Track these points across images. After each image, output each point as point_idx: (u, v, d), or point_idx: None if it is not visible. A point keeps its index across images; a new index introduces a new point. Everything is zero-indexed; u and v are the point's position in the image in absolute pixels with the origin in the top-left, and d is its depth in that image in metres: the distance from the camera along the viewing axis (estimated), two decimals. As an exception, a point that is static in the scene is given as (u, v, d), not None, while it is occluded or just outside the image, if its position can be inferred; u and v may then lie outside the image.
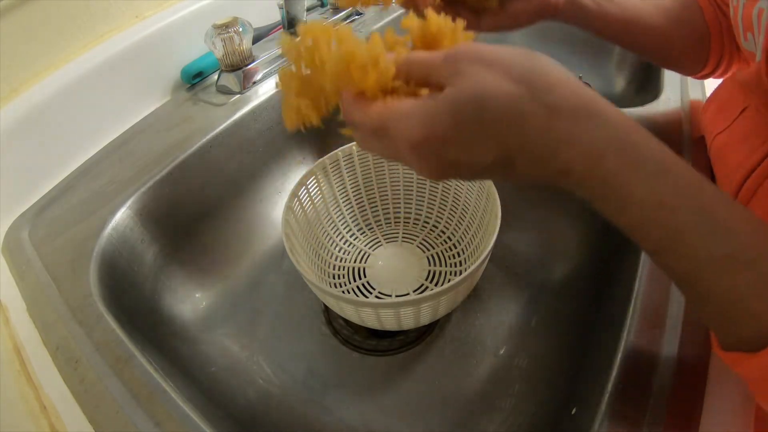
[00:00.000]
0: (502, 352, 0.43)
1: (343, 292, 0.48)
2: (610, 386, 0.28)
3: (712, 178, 0.40)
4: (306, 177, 0.46)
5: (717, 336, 0.22)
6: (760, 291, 0.19)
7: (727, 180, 0.34)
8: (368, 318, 0.38)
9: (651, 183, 0.19)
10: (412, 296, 0.34)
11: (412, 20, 0.26)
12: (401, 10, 0.71)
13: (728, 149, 0.35)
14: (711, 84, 0.50)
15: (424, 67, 0.22)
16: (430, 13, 0.26)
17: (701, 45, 0.40)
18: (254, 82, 0.55)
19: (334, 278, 0.49)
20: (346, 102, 0.23)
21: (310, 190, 0.47)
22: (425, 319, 0.39)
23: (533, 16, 0.37)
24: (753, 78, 0.33)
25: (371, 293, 0.47)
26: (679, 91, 0.50)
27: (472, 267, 0.35)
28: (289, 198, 0.43)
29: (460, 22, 0.25)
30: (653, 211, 0.20)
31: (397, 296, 0.46)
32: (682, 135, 0.44)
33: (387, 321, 0.38)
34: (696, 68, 0.42)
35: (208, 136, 0.49)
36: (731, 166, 0.34)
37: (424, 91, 0.22)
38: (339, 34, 0.24)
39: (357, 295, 0.47)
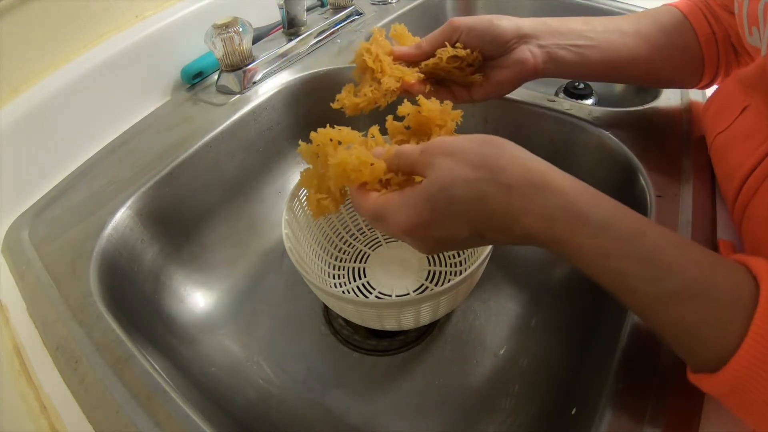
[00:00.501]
0: (502, 352, 0.43)
1: (344, 292, 0.48)
2: (610, 386, 0.28)
3: (713, 177, 0.40)
4: None
5: (685, 361, 0.24)
6: (710, 319, 0.21)
7: (728, 179, 0.35)
8: (368, 318, 0.38)
9: (595, 239, 0.23)
10: (412, 296, 0.34)
11: (407, 107, 0.33)
12: (400, 11, 0.71)
13: (729, 149, 0.35)
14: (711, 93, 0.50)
15: (407, 161, 0.27)
16: (422, 100, 0.32)
17: (694, 63, 0.40)
18: (254, 82, 0.55)
19: (334, 278, 0.49)
20: (352, 193, 0.29)
21: (301, 183, 0.47)
22: (425, 319, 0.39)
23: (516, 81, 0.40)
24: (756, 73, 0.33)
25: (371, 293, 0.47)
26: (679, 91, 0.50)
27: (473, 267, 0.35)
28: (289, 198, 0.43)
29: (448, 104, 0.33)
30: (601, 261, 0.23)
31: (397, 296, 0.46)
32: (681, 135, 0.44)
33: (387, 321, 0.38)
34: (693, 82, 0.43)
35: (208, 136, 0.49)
36: (732, 165, 0.34)
37: (415, 180, 0.27)
38: (342, 137, 0.30)
39: (357, 295, 0.47)
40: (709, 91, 0.44)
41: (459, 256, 0.49)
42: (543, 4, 0.73)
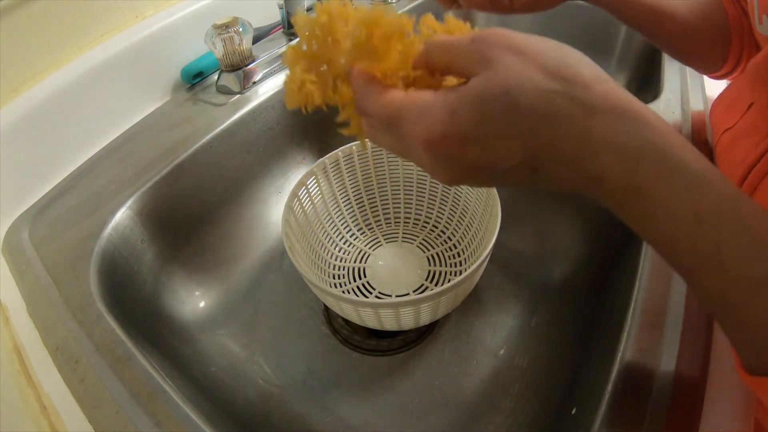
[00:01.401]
0: (502, 352, 0.43)
1: (343, 292, 0.48)
2: (610, 387, 0.28)
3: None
4: (306, 177, 0.46)
5: (744, 358, 0.21)
6: None
7: (731, 175, 0.34)
8: (368, 318, 0.38)
9: (689, 195, 0.18)
10: (412, 296, 0.34)
11: (432, 20, 0.25)
12: (401, 11, 0.71)
13: (733, 145, 0.35)
14: (710, 84, 0.50)
15: (450, 52, 0.20)
16: (450, 19, 0.25)
17: (723, 43, 0.40)
18: (254, 82, 0.55)
19: (334, 278, 0.49)
20: (359, 84, 0.21)
21: (310, 190, 0.47)
22: (425, 319, 0.39)
23: None
24: (764, 62, 0.33)
25: (371, 293, 0.47)
26: (679, 92, 0.50)
27: (473, 267, 0.35)
28: (289, 198, 0.43)
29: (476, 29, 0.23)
30: (690, 226, 0.18)
31: (397, 296, 0.46)
32: (681, 134, 0.44)
33: (387, 321, 0.38)
34: (716, 65, 0.42)
35: (208, 136, 0.49)
36: (734, 162, 0.34)
37: (450, 81, 0.20)
38: (358, 12, 0.22)
39: (357, 295, 0.47)
40: (709, 92, 0.44)
41: (459, 256, 0.49)
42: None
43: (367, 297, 0.46)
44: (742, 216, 0.18)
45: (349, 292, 0.48)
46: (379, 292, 0.47)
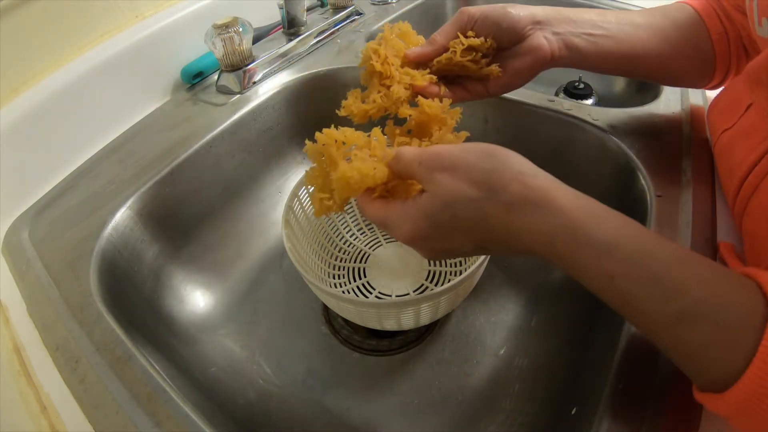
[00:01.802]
0: (502, 352, 0.43)
1: (344, 292, 0.48)
2: (610, 386, 0.28)
3: (713, 178, 0.40)
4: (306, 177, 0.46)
5: (692, 379, 0.24)
6: (717, 339, 0.21)
7: (730, 177, 0.35)
8: (368, 318, 0.38)
9: (598, 261, 0.22)
10: (412, 296, 0.34)
11: (408, 110, 0.35)
12: (401, 11, 0.71)
13: (733, 146, 0.36)
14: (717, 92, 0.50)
15: (406, 169, 0.27)
16: (421, 100, 0.33)
17: (705, 61, 0.40)
18: (254, 82, 0.55)
19: (334, 278, 0.49)
20: (358, 199, 0.30)
21: (306, 182, 0.47)
22: (425, 319, 0.39)
23: (532, 70, 0.39)
24: (763, 64, 0.33)
25: (371, 293, 0.47)
26: (678, 92, 0.50)
27: (472, 267, 0.35)
28: (289, 198, 0.43)
29: (446, 101, 0.33)
30: (605, 283, 0.23)
31: (397, 296, 0.46)
32: (681, 135, 0.44)
33: (387, 321, 0.38)
34: (704, 82, 0.42)
35: (208, 136, 0.49)
36: (734, 162, 0.34)
37: (416, 186, 0.29)
38: (346, 138, 0.30)
39: (357, 295, 0.47)
40: (712, 92, 0.44)
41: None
42: (543, 3, 0.73)
43: (367, 297, 0.46)
44: (651, 268, 0.22)
45: (349, 292, 0.48)
46: (379, 292, 0.47)
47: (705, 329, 0.21)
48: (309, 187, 0.45)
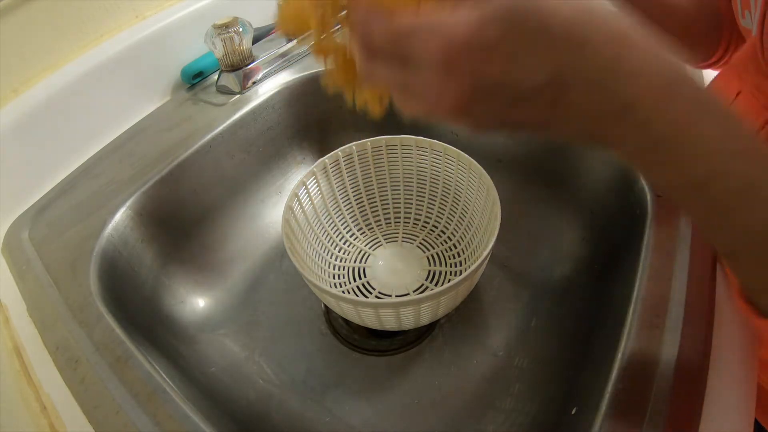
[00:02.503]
0: (501, 352, 0.43)
1: (343, 292, 0.48)
2: (610, 386, 0.28)
3: None
4: (306, 177, 0.46)
5: (763, 302, 0.20)
6: None
7: None
8: (368, 318, 0.38)
9: (725, 128, 0.17)
10: (412, 296, 0.34)
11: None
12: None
13: None
14: (708, 77, 0.50)
15: None
16: None
17: (716, 30, 0.40)
18: (254, 82, 0.55)
19: (334, 278, 0.49)
20: (362, 10, 0.18)
21: (310, 190, 0.47)
22: (425, 319, 0.39)
23: None
24: (748, 55, 0.34)
25: (371, 293, 0.47)
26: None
27: (472, 267, 0.35)
28: (289, 198, 0.43)
29: None
30: (728, 160, 0.17)
31: (397, 296, 0.46)
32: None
33: (387, 321, 0.38)
34: (708, 54, 0.43)
35: (208, 136, 0.49)
36: None
37: None
38: None
39: (357, 295, 0.47)
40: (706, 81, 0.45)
41: (459, 256, 0.49)
42: None
43: (367, 297, 0.46)
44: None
45: (349, 292, 0.48)
46: (379, 292, 0.47)
47: None
48: (308, 183, 0.45)
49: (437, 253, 0.50)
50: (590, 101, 0.17)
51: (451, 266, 0.49)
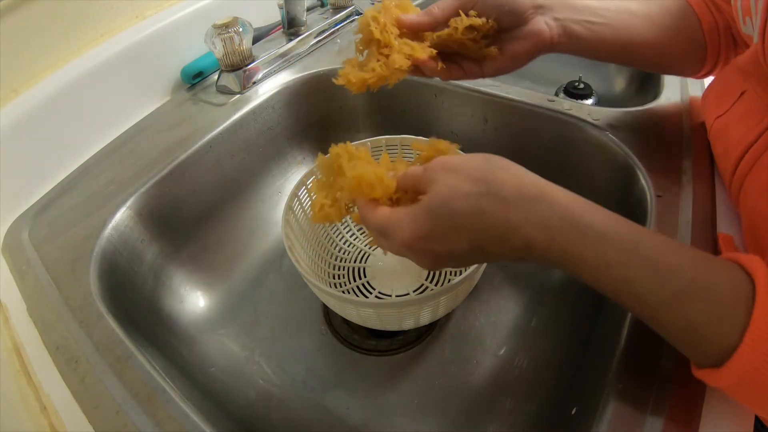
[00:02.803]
0: (502, 352, 0.43)
1: (344, 292, 0.48)
2: (610, 386, 0.28)
3: (713, 177, 0.40)
4: (306, 177, 0.46)
5: (690, 357, 0.25)
6: (711, 316, 0.22)
7: (726, 156, 0.36)
8: (368, 318, 0.38)
9: (596, 248, 0.24)
10: (413, 296, 0.34)
11: (419, 145, 0.35)
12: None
13: (728, 129, 0.37)
14: (709, 83, 0.50)
15: (412, 179, 0.29)
16: (433, 141, 0.34)
17: (698, 51, 0.41)
18: (254, 82, 0.55)
19: (334, 278, 0.49)
20: (361, 207, 0.30)
21: (310, 191, 0.47)
22: (425, 319, 0.39)
23: (531, 54, 0.38)
24: (751, 60, 0.35)
25: (371, 293, 0.47)
26: (678, 91, 0.50)
27: (472, 267, 0.35)
28: (289, 198, 0.43)
29: (455, 145, 0.34)
30: (603, 271, 0.24)
31: (397, 296, 0.46)
32: (681, 135, 0.44)
33: (387, 321, 0.38)
34: (695, 70, 0.43)
35: (208, 136, 0.49)
36: (731, 143, 0.36)
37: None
38: (357, 154, 0.31)
39: (357, 295, 0.47)
40: (708, 80, 0.45)
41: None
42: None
43: (367, 297, 0.46)
44: (644, 253, 0.23)
45: (349, 292, 0.48)
46: (379, 292, 0.47)
47: (699, 307, 0.22)
48: (308, 183, 0.45)
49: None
50: (502, 249, 0.26)
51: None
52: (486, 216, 0.25)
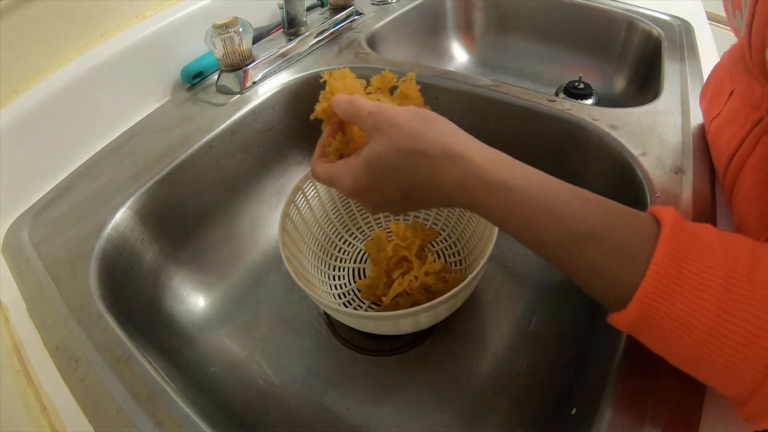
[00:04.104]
0: (502, 352, 0.43)
1: (343, 293, 0.48)
2: (610, 386, 0.28)
3: (713, 177, 0.40)
4: (302, 181, 0.46)
5: (602, 303, 0.26)
6: (615, 258, 0.24)
7: (719, 161, 0.36)
8: (367, 327, 0.38)
9: (499, 198, 0.27)
10: (410, 309, 0.34)
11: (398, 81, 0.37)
12: (400, 11, 0.71)
13: (720, 132, 0.37)
14: (705, 73, 0.50)
15: (356, 115, 0.31)
16: (409, 80, 0.37)
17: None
18: (254, 82, 0.55)
19: (334, 279, 0.49)
20: (312, 163, 0.35)
21: (307, 195, 0.47)
22: (424, 324, 0.39)
23: None
24: (737, 55, 0.35)
25: (371, 293, 0.47)
26: (679, 91, 0.50)
27: (471, 276, 0.35)
28: (285, 204, 0.43)
29: (422, 99, 0.37)
30: (511, 219, 0.27)
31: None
32: (681, 135, 0.44)
33: (386, 328, 0.38)
34: None
35: (208, 136, 0.49)
36: (722, 147, 0.36)
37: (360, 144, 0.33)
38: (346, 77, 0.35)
39: (356, 295, 0.47)
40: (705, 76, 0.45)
41: (459, 255, 0.49)
42: (543, 4, 0.73)
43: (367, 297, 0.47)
44: (547, 200, 0.26)
45: (348, 293, 0.48)
46: (379, 292, 0.47)
47: (602, 250, 0.24)
48: (301, 194, 0.46)
49: (437, 252, 0.50)
50: (431, 198, 0.29)
51: (451, 265, 0.49)
52: (416, 173, 0.28)
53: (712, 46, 0.61)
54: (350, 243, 0.52)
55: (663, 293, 0.22)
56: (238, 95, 0.54)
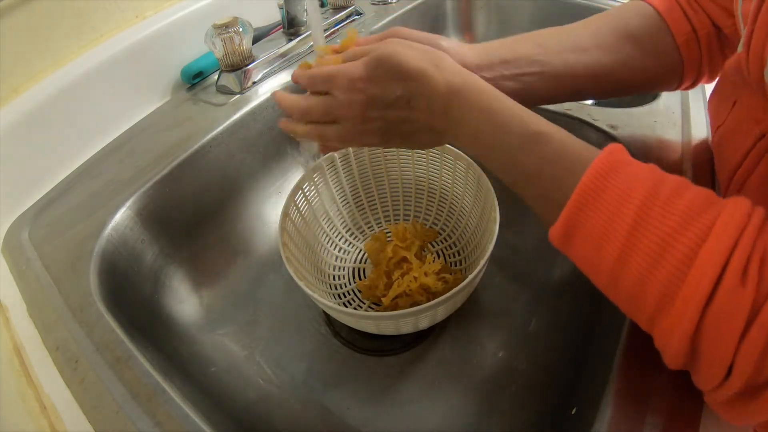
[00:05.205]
0: (501, 352, 0.43)
1: (343, 293, 0.48)
2: (610, 386, 0.28)
3: (713, 178, 0.40)
4: (302, 181, 0.46)
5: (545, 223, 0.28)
6: (562, 181, 0.25)
7: (722, 174, 0.35)
8: (367, 327, 0.38)
9: (494, 125, 0.29)
10: (409, 309, 0.33)
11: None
12: (400, 11, 0.71)
13: (724, 143, 0.36)
14: (710, 85, 0.50)
15: (367, 48, 0.32)
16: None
17: (670, 67, 0.37)
18: (254, 82, 0.55)
19: (333, 279, 0.49)
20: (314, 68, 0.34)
21: (307, 195, 0.47)
22: (424, 324, 0.39)
23: None
24: (736, 68, 0.33)
25: (371, 293, 0.47)
26: (678, 92, 0.50)
27: (470, 276, 0.35)
28: (285, 205, 0.43)
29: None
30: (498, 143, 0.29)
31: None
32: (681, 135, 0.44)
33: (386, 329, 0.38)
34: (671, 86, 0.40)
35: (208, 136, 0.49)
36: (725, 160, 0.34)
37: None
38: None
39: (356, 295, 0.47)
40: (710, 90, 0.44)
41: (459, 255, 0.49)
42: (544, 4, 0.73)
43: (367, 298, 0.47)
44: (506, 130, 0.28)
45: (348, 293, 0.48)
46: (379, 292, 0.47)
47: (556, 172, 0.26)
48: (301, 195, 0.46)
49: (437, 252, 0.50)
50: (425, 109, 0.30)
51: (451, 265, 0.49)
52: (425, 79, 0.29)
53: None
54: (350, 243, 0.52)
55: (590, 200, 0.23)
56: (238, 95, 0.54)
